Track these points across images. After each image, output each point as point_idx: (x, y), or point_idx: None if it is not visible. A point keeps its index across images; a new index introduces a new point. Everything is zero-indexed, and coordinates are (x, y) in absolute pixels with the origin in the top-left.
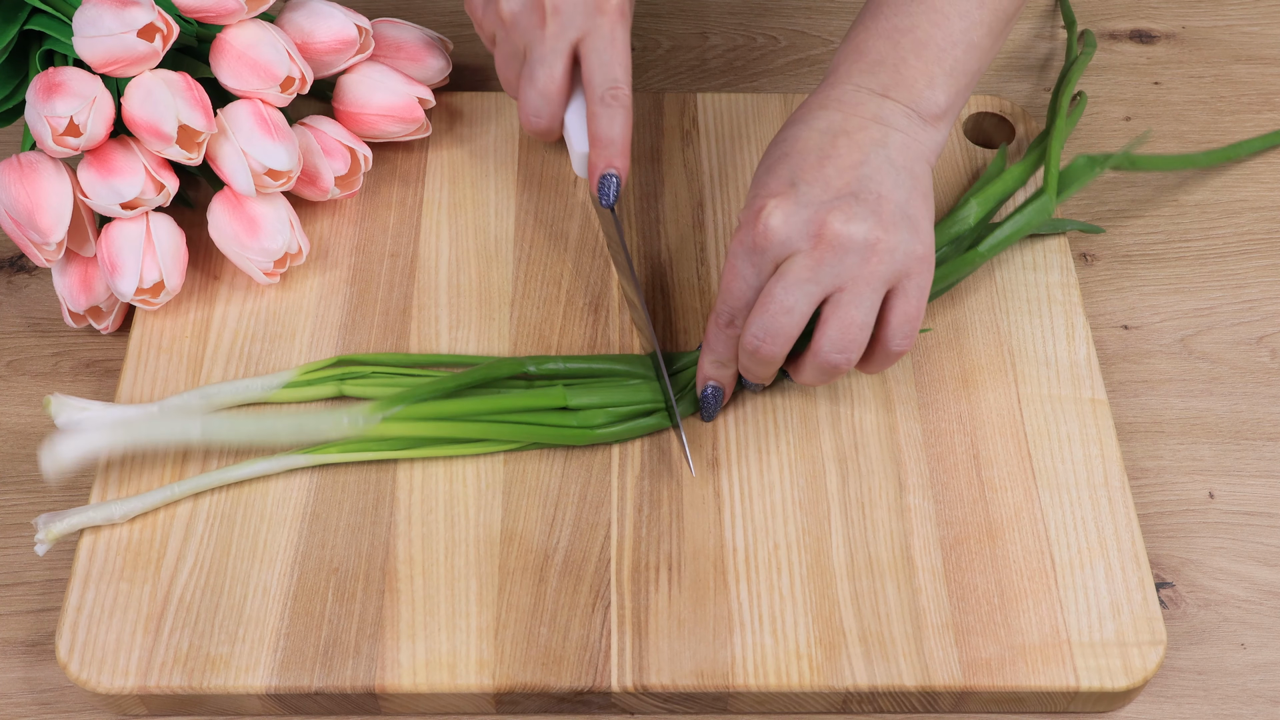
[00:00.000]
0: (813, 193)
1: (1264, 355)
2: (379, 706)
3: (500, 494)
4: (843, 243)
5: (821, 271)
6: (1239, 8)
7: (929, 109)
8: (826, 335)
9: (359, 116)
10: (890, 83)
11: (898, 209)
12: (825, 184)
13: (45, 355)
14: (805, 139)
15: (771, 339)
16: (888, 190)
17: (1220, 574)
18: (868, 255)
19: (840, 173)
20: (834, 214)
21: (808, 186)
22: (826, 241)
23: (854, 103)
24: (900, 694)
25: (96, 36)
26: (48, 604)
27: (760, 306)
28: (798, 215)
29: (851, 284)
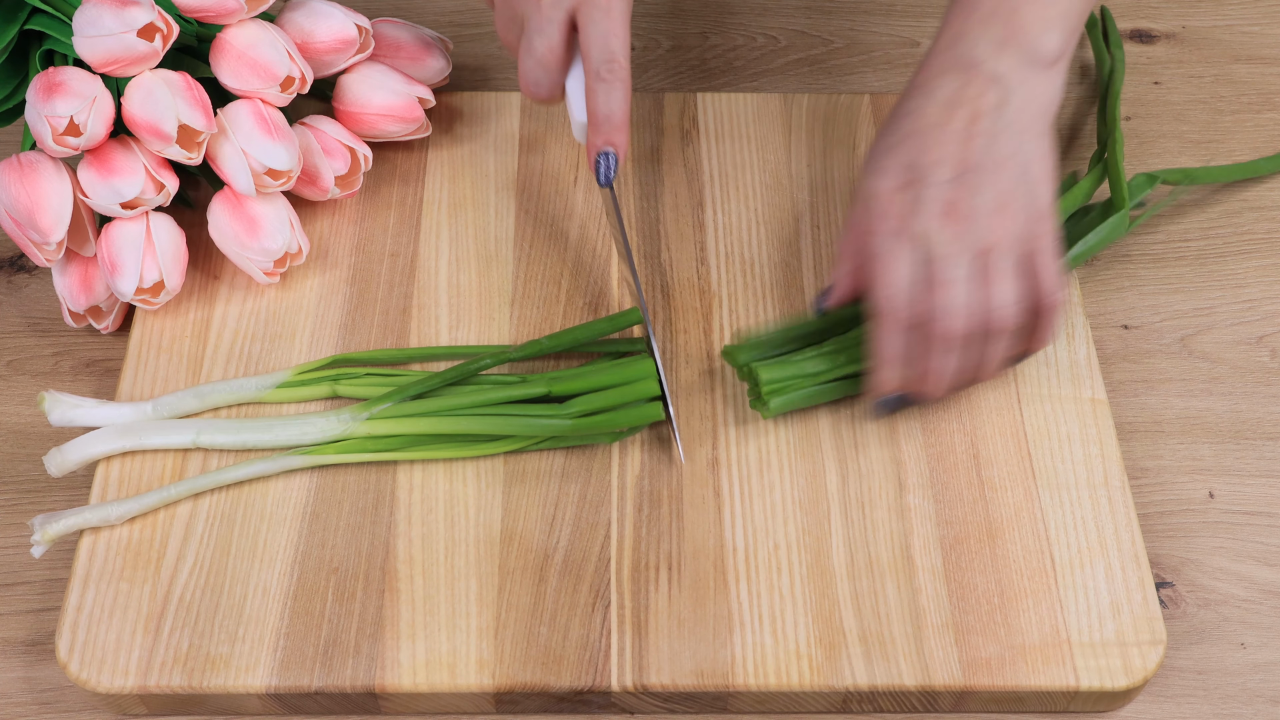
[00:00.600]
0: (935, 174)
1: (1264, 355)
2: (379, 706)
3: (500, 494)
4: (972, 212)
5: (965, 239)
6: (1239, 8)
7: (1046, 54)
8: (984, 295)
9: (359, 116)
10: (1006, 34)
11: (1018, 171)
12: (946, 163)
13: (45, 355)
14: (926, 114)
15: (956, 315)
16: (1006, 156)
17: (1220, 574)
18: (999, 218)
19: (960, 147)
20: (959, 192)
21: (930, 169)
22: (958, 215)
23: (971, 63)
24: (900, 694)
25: (96, 36)
26: (48, 604)
27: (936, 291)
28: (925, 197)
29: (996, 244)
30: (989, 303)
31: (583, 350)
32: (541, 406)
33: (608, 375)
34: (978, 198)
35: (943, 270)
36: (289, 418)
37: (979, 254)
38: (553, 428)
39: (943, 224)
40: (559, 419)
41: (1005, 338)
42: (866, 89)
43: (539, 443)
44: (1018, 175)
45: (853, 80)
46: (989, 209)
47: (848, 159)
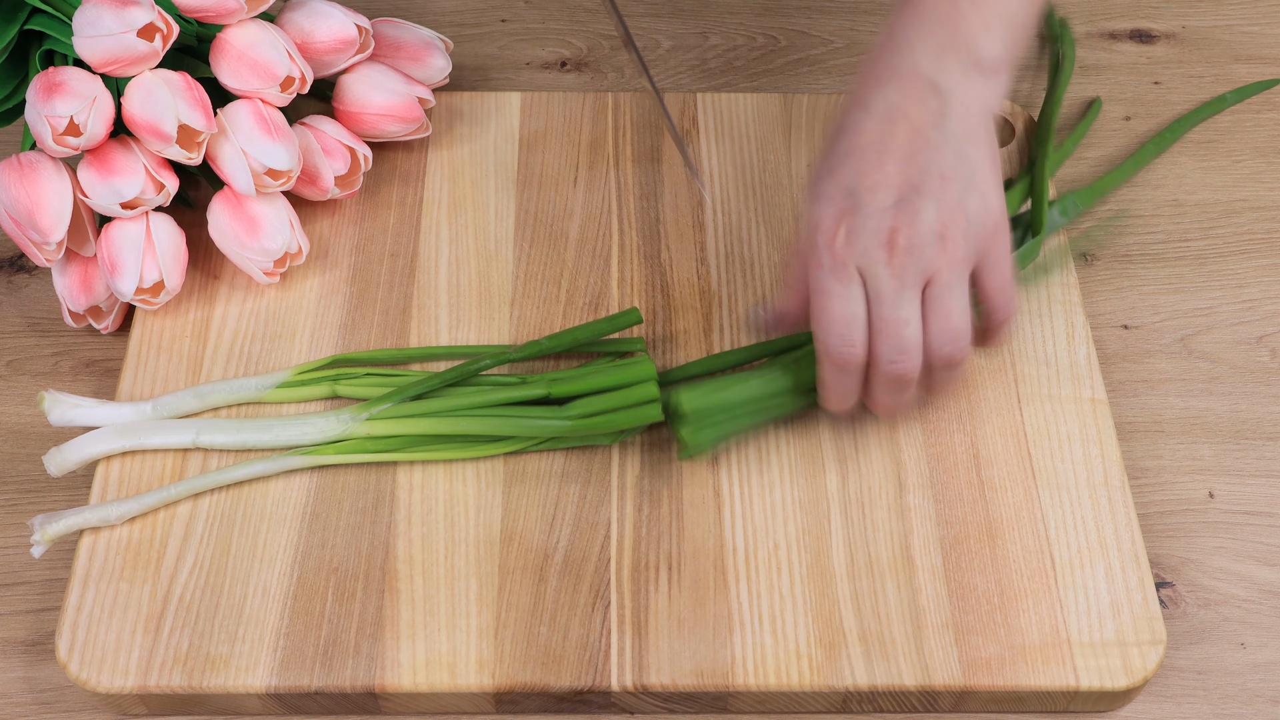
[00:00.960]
0: (875, 200)
1: (1264, 355)
2: (379, 706)
3: (500, 494)
4: (914, 244)
5: (907, 275)
6: (1239, 8)
7: (988, 60)
8: (932, 333)
9: (359, 116)
10: (947, 38)
11: (962, 187)
12: (887, 186)
13: (45, 355)
14: (864, 130)
15: (905, 355)
16: (950, 169)
17: (1220, 574)
18: (942, 244)
19: (901, 168)
20: (899, 219)
21: (869, 195)
22: (900, 248)
23: (911, 72)
24: (900, 694)
25: (96, 36)
26: (48, 604)
27: (878, 332)
28: (865, 228)
29: (936, 274)
30: (938, 338)
31: (583, 350)
32: (541, 408)
33: (607, 377)
34: (919, 224)
35: (889, 310)
36: (289, 418)
37: (924, 285)
38: (553, 429)
39: (885, 258)
40: (559, 420)
41: (959, 368)
42: None
43: (539, 444)
44: (961, 189)
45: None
46: (931, 235)
47: None
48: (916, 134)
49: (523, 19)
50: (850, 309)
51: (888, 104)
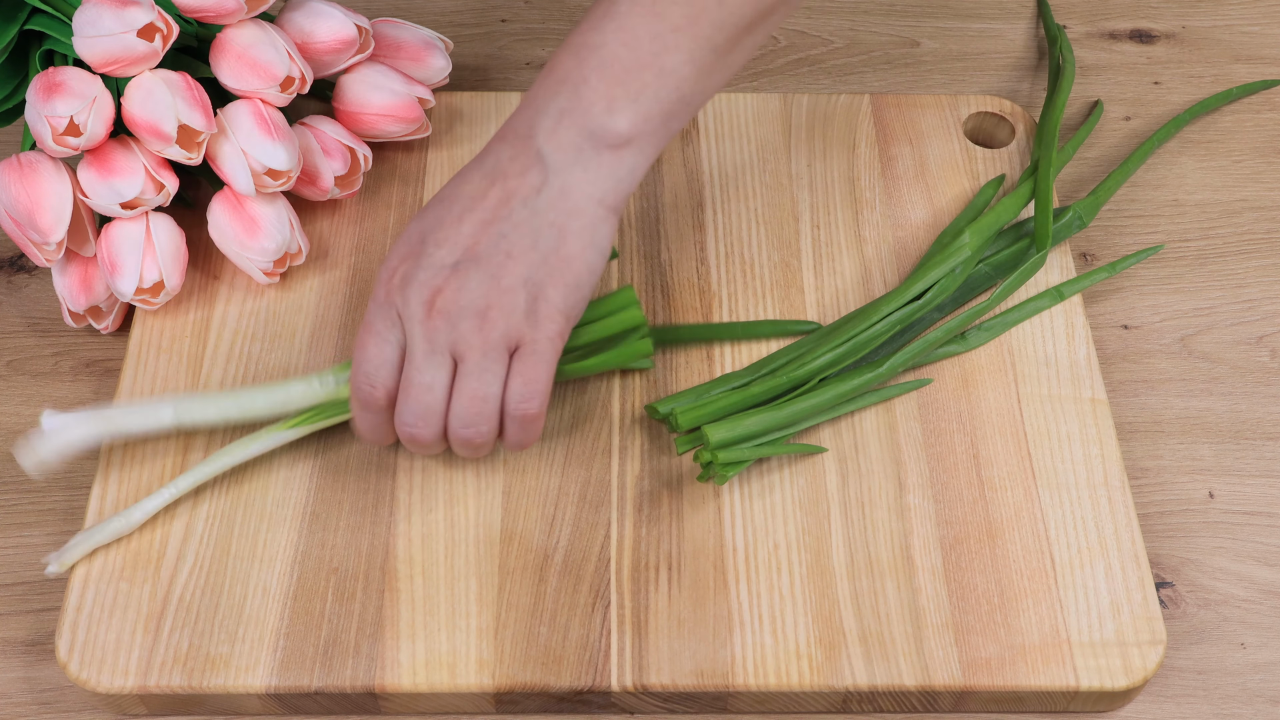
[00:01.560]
0: (438, 255)
1: (1264, 355)
2: (379, 706)
3: (500, 494)
4: (453, 312)
5: (437, 340)
6: (1239, 8)
7: (611, 135)
8: (454, 411)
9: (359, 116)
10: (568, 105)
11: (523, 273)
12: (454, 244)
13: (45, 355)
14: (467, 182)
15: (423, 421)
16: (519, 250)
17: (1220, 574)
18: (480, 322)
19: (474, 231)
20: (449, 281)
21: (435, 248)
22: (438, 311)
23: (527, 134)
24: (900, 694)
25: (96, 36)
26: (48, 604)
27: (403, 391)
28: (416, 278)
29: (469, 352)
30: (459, 418)
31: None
32: None
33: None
34: (463, 294)
35: (416, 372)
36: (269, 384)
37: (452, 355)
38: None
39: (422, 315)
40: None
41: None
42: (866, 89)
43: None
44: (522, 275)
45: (853, 80)
46: (471, 310)
47: (848, 159)
48: (504, 203)
49: (523, 19)
50: (384, 351)
51: (496, 162)
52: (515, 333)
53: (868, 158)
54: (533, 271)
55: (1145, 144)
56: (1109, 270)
